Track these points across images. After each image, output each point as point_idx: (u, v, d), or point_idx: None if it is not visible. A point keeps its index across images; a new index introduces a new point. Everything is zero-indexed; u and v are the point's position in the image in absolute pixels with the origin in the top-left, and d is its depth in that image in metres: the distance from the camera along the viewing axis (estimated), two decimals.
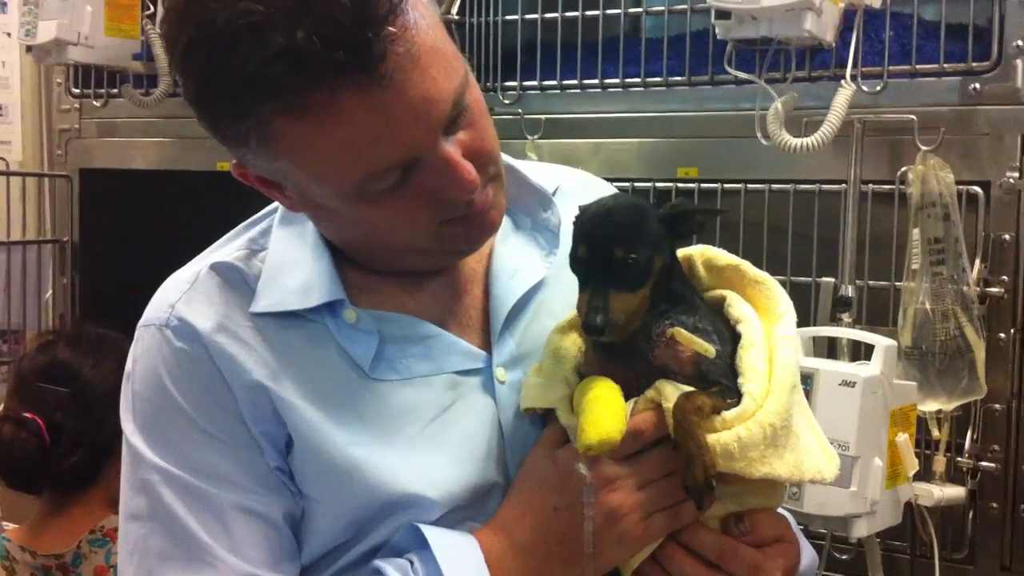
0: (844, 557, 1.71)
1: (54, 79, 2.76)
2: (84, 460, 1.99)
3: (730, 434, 0.94)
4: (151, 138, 2.60)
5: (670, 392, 0.96)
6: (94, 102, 2.65)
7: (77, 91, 2.69)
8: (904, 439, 1.52)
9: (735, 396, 0.98)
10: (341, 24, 0.87)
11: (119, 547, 1.05)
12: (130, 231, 2.67)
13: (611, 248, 0.97)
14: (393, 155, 0.93)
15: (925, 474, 1.62)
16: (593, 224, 0.99)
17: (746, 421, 0.95)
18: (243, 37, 0.87)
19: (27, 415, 1.97)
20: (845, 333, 1.63)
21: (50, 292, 2.74)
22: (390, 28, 0.89)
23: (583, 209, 1.02)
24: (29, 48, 2.44)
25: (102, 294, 2.70)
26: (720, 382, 0.98)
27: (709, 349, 0.98)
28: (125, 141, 2.64)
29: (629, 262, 0.97)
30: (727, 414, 0.96)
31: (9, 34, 2.89)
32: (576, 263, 1.00)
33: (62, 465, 1.96)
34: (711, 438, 0.94)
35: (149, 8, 2.45)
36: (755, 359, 0.99)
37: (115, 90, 2.59)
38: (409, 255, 1.06)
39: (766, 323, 1.03)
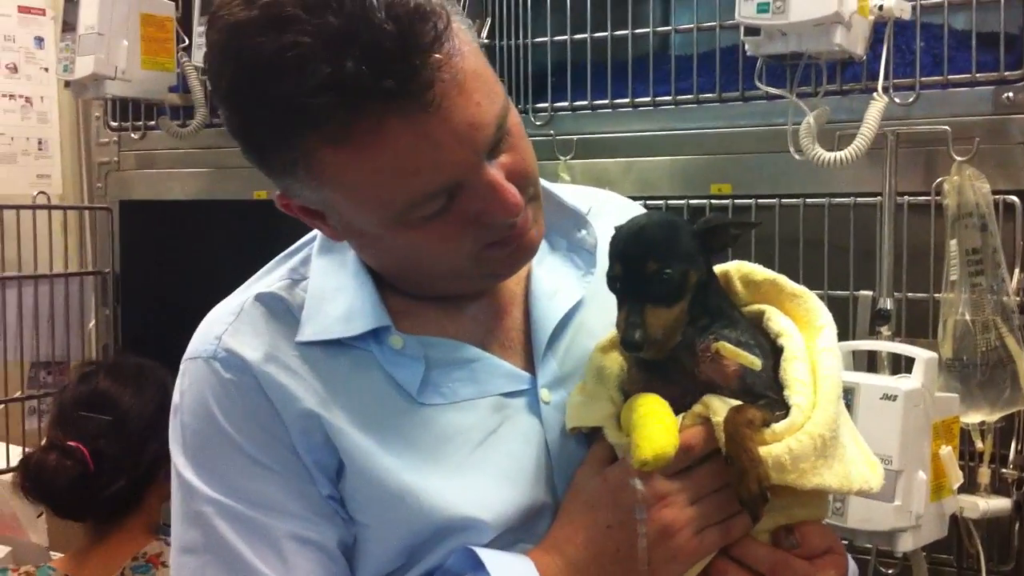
0: (890, 572, 1.70)
1: (92, 113, 2.82)
2: (126, 487, 2.02)
3: (781, 446, 0.95)
4: (188, 169, 2.64)
5: (718, 406, 0.97)
6: (132, 135, 2.70)
7: (115, 124, 2.74)
8: (948, 452, 1.51)
9: (781, 408, 0.98)
10: (388, 52, 0.88)
11: None
12: (170, 261, 2.71)
13: (644, 263, 0.98)
14: (438, 181, 0.94)
15: (970, 486, 1.61)
16: (627, 241, 1.01)
17: (796, 433, 0.96)
18: (290, 68, 0.88)
19: (71, 443, 2.00)
20: (885, 346, 1.63)
21: (92, 323, 2.78)
22: (436, 55, 0.90)
23: (617, 229, 1.03)
24: (67, 83, 2.49)
25: (144, 324, 2.73)
26: (766, 395, 0.99)
27: (755, 362, 0.99)
28: (163, 172, 2.68)
29: (663, 277, 0.97)
30: (777, 426, 0.96)
31: (47, 69, 2.94)
32: (612, 281, 1.01)
33: (105, 492, 1.99)
34: (762, 450, 0.94)
35: (184, 41, 2.49)
36: (799, 371, 0.99)
37: (152, 122, 2.64)
38: (451, 280, 1.07)
39: (806, 336, 1.03)
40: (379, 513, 1.02)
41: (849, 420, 1.05)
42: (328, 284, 1.08)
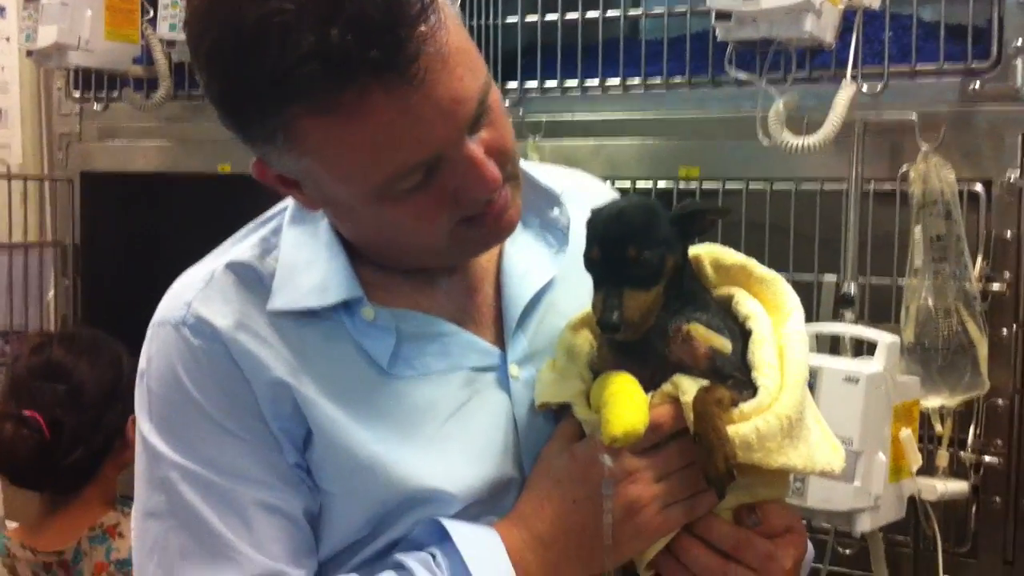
0: (848, 552, 1.72)
1: (54, 83, 2.77)
2: (84, 457, 2.01)
3: (748, 425, 0.96)
4: (151, 141, 2.61)
5: (687, 386, 0.98)
6: (94, 106, 2.66)
7: (77, 95, 2.70)
8: (908, 434, 1.53)
9: (749, 389, 0.99)
10: (374, 24, 0.87)
11: (134, 545, 1.05)
12: (131, 234, 2.68)
13: (624, 248, 0.98)
14: (419, 155, 0.94)
15: (928, 469, 1.63)
16: (606, 225, 1.01)
17: (763, 413, 0.97)
18: (274, 36, 0.87)
19: (27, 413, 1.98)
20: (848, 330, 1.65)
21: (51, 294, 2.75)
22: (421, 28, 0.89)
23: (595, 211, 1.04)
24: (29, 52, 2.45)
25: (103, 296, 2.70)
26: (734, 376, 1.00)
27: (726, 344, 1.00)
28: (125, 144, 2.65)
29: (642, 261, 0.98)
30: (744, 406, 0.97)
31: (8, 39, 2.89)
32: (591, 263, 1.01)
33: (63, 462, 1.98)
34: (730, 429, 0.95)
35: (149, 12, 2.46)
36: (767, 354, 1.01)
37: (115, 94, 2.60)
38: (425, 254, 1.06)
39: (775, 320, 1.05)
40: (346, 483, 1.01)
41: (813, 403, 1.06)
42: (300, 254, 1.07)
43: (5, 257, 2.66)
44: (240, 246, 1.11)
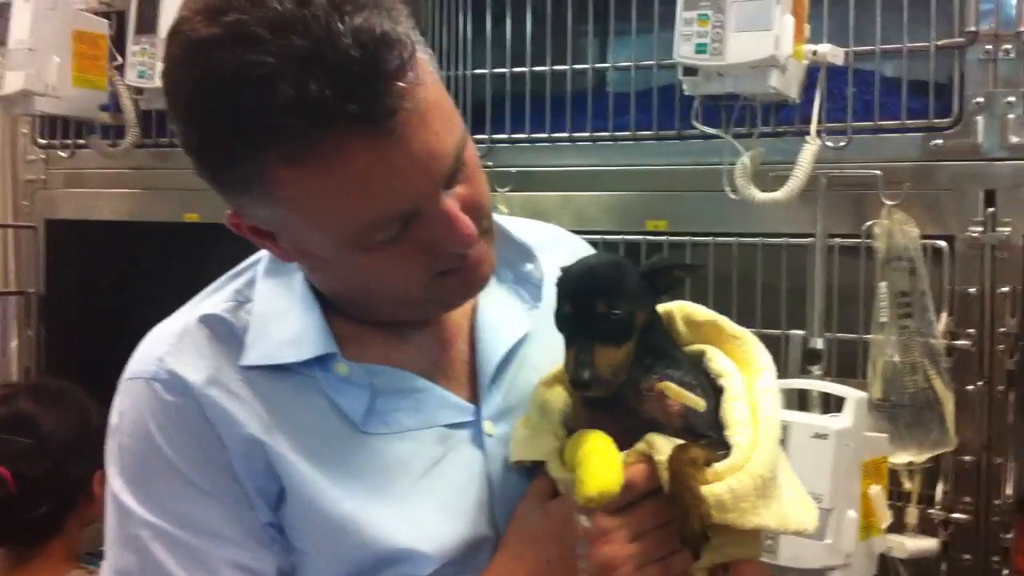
0: None
1: (19, 129, 2.75)
2: (49, 511, 1.98)
3: (722, 485, 0.96)
4: (118, 189, 2.59)
5: (661, 444, 0.98)
6: (60, 153, 2.64)
7: (43, 142, 2.68)
8: (877, 491, 1.53)
9: (723, 448, 0.99)
10: (353, 77, 0.87)
11: None
12: (96, 282, 2.66)
13: (594, 304, 0.99)
14: (394, 207, 0.94)
15: (898, 526, 1.63)
16: (576, 282, 1.02)
17: (737, 473, 0.97)
18: (252, 86, 0.87)
19: None
20: (816, 385, 1.65)
21: (15, 344, 2.71)
22: (399, 83, 0.90)
23: (564, 269, 1.04)
24: None
25: (68, 346, 2.67)
26: (708, 435, 1.00)
27: (699, 402, 1.00)
28: (92, 192, 2.63)
29: (612, 317, 0.99)
30: (718, 466, 0.97)
31: None
32: (562, 321, 1.02)
33: (28, 516, 1.95)
34: (704, 489, 0.95)
35: (117, 59, 2.45)
36: (740, 411, 1.01)
37: (81, 141, 2.58)
38: (400, 306, 1.06)
39: (746, 377, 1.05)
40: (320, 542, 1.01)
41: (786, 461, 1.07)
42: (274, 307, 1.07)
43: None
44: (213, 298, 1.10)
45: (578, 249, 1.28)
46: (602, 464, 0.95)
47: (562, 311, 1.01)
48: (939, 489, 1.67)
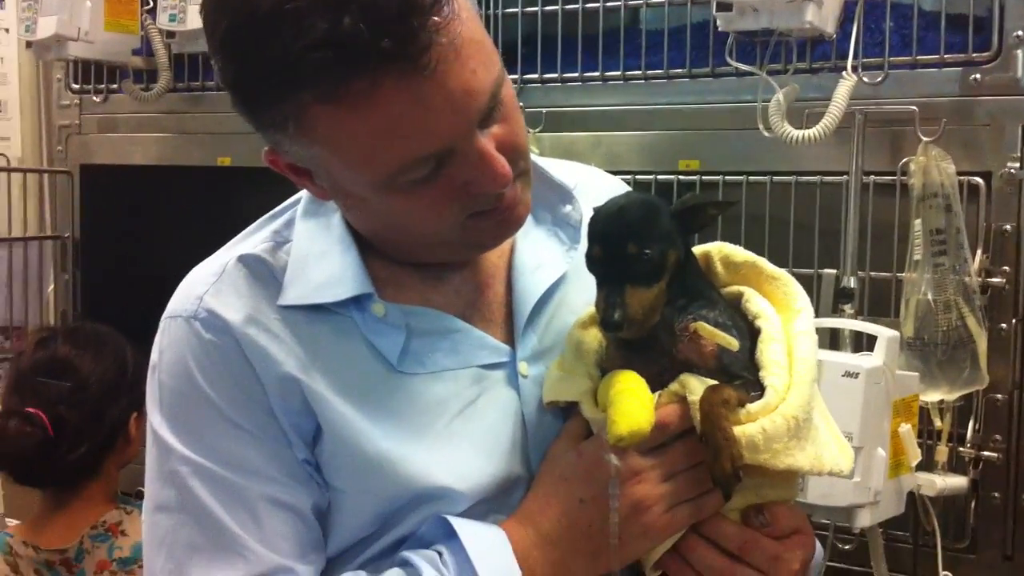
0: (847, 547, 1.72)
1: (53, 75, 2.76)
2: (87, 453, 2.01)
3: (755, 426, 0.95)
4: (151, 133, 2.60)
5: (694, 385, 0.98)
6: (94, 98, 2.65)
7: (77, 87, 2.69)
8: (907, 429, 1.52)
9: (757, 389, 0.99)
10: (387, 12, 0.87)
11: (144, 539, 1.05)
12: (131, 226, 2.68)
13: (624, 244, 0.98)
14: (429, 146, 0.93)
15: (927, 464, 1.62)
16: (606, 223, 1.01)
17: (770, 413, 0.96)
18: (287, 23, 0.87)
19: (30, 410, 1.98)
20: (848, 324, 1.64)
21: (51, 288, 2.74)
22: (435, 18, 0.89)
23: (596, 210, 1.03)
24: (29, 44, 2.44)
25: (103, 290, 2.70)
26: (742, 375, 1.00)
27: (733, 342, 0.99)
28: (125, 136, 2.64)
29: (643, 257, 0.98)
30: (751, 406, 0.97)
31: (7, 30, 2.88)
32: (592, 262, 1.01)
33: (67, 458, 1.98)
34: (736, 430, 0.95)
35: (148, 3, 2.44)
36: (776, 353, 1.00)
37: (115, 86, 2.60)
38: (435, 247, 1.06)
39: (784, 318, 1.04)
40: (355, 479, 1.02)
41: (822, 402, 1.06)
42: (312, 248, 1.07)
43: (4, 251, 2.65)
44: (252, 239, 1.11)
45: (616, 189, 1.27)
46: (633, 404, 0.95)
47: (592, 252, 1.01)
48: (970, 427, 1.66)
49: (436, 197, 0.97)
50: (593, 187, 1.22)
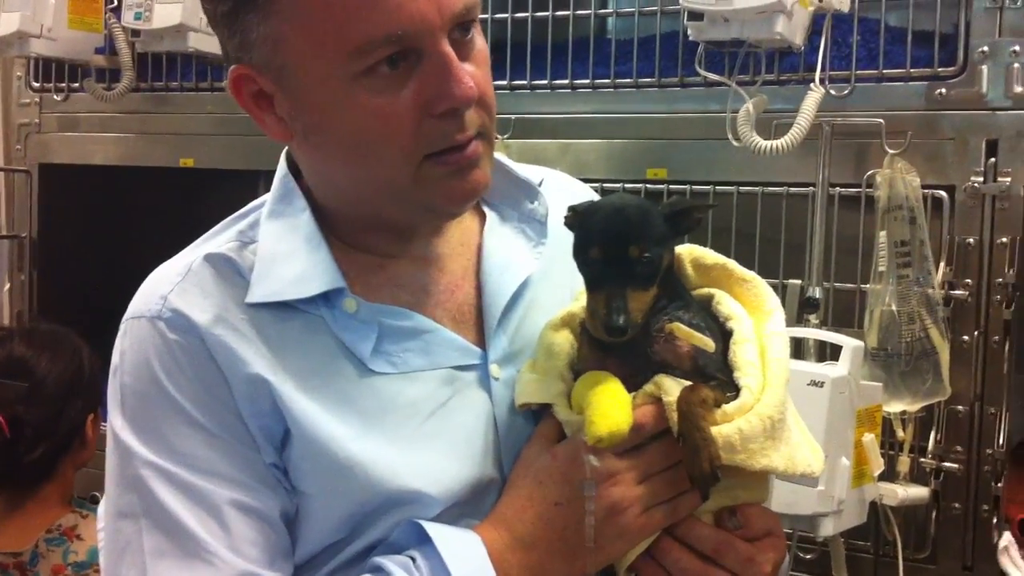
0: (808, 556, 1.72)
1: (13, 72, 2.72)
2: (44, 454, 1.98)
3: (731, 426, 0.96)
4: (112, 133, 2.57)
5: (670, 386, 0.97)
6: (55, 96, 2.62)
7: (37, 85, 2.65)
8: (871, 439, 1.53)
9: (732, 390, 0.99)
10: None
11: (104, 546, 1.02)
12: (89, 227, 2.65)
13: (625, 247, 0.98)
14: (398, 23, 0.93)
15: (889, 474, 1.63)
16: (606, 224, 1.00)
17: (746, 414, 0.97)
18: None
19: None
20: (813, 334, 1.65)
21: (7, 288, 2.70)
22: None
23: (585, 210, 1.02)
24: None
25: (60, 290, 2.66)
26: (717, 376, 1.00)
27: (709, 343, 0.99)
28: (86, 136, 2.61)
29: (643, 260, 0.98)
30: (727, 407, 0.97)
31: None
32: (589, 264, 1.00)
33: (24, 460, 1.95)
34: (714, 430, 0.95)
35: (112, 2, 2.42)
36: (749, 354, 1.00)
37: (76, 84, 2.56)
38: (392, 202, 1.03)
39: (756, 320, 1.04)
40: (324, 483, 1.00)
41: (792, 405, 1.06)
42: (279, 247, 1.05)
43: None
44: (217, 239, 1.09)
45: (580, 192, 1.27)
46: (612, 404, 0.95)
47: (590, 254, 1.00)
48: (931, 438, 1.67)
49: (396, 109, 0.96)
50: (556, 187, 1.22)
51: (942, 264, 1.66)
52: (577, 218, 1.03)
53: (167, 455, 0.98)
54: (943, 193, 1.67)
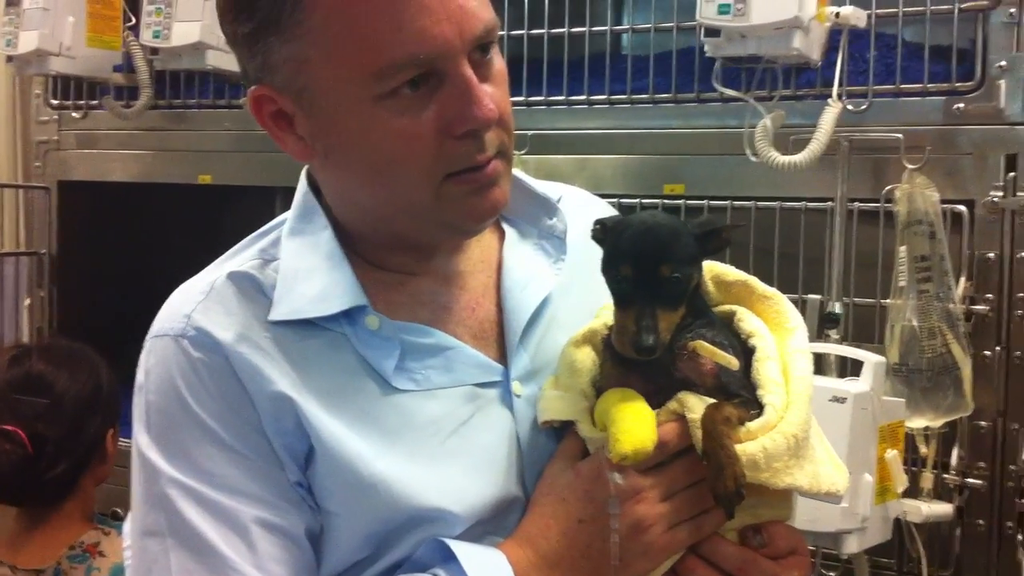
0: (833, 574, 1.72)
1: (32, 90, 2.74)
2: (66, 471, 1.98)
3: (755, 444, 0.95)
4: (130, 150, 2.59)
5: (693, 403, 0.97)
6: (73, 114, 2.63)
7: (56, 102, 2.67)
8: (893, 455, 1.53)
9: (755, 408, 0.99)
10: None
11: (132, 565, 1.02)
12: (108, 244, 2.66)
13: (657, 266, 0.97)
14: (417, 48, 0.94)
15: (913, 491, 1.63)
16: (637, 242, 0.99)
17: (770, 432, 0.96)
18: None
19: (8, 427, 1.95)
20: (834, 349, 1.64)
21: (27, 304, 2.71)
22: None
23: (615, 227, 1.02)
24: (9, 58, 2.42)
25: (79, 307, 2.67)
26: (740, 394, 0.99)
27: (732, 361, 0.99)
28: (104, 153, 2.62)
29: (673, 280, 0.97)
30: (751, 425, 0.97)
31: None
32: (619, 282, 1.00)
33: (46, 476, 1.95)
34: (737, 448, 0.94)
35: (131, 20, 2.43)
36: (772, 371, 1.00)
37: (95, 102, 2.58)
38: (412, 218, 1.04)
39: (778, 337, 1.04)
40: (349, 501, 1.00)
41: (816, 423, 1.06)
42: (300, 265, 1.06)
43: None
44: (239, 257, 1.09)
45: (599, 208, 1.27)
46: (636, 421, 0.95)
47: (621, 272, 0.99)
48: (955, 454, 1.67)
49: (417, 130, 0.97)
50: (575, 203, 1.22)
51: (962, 279, 1.65)
52: (606, 233, 1.03)
53: (192, 473, 0.99)
54: (962, 208, 1.67)
